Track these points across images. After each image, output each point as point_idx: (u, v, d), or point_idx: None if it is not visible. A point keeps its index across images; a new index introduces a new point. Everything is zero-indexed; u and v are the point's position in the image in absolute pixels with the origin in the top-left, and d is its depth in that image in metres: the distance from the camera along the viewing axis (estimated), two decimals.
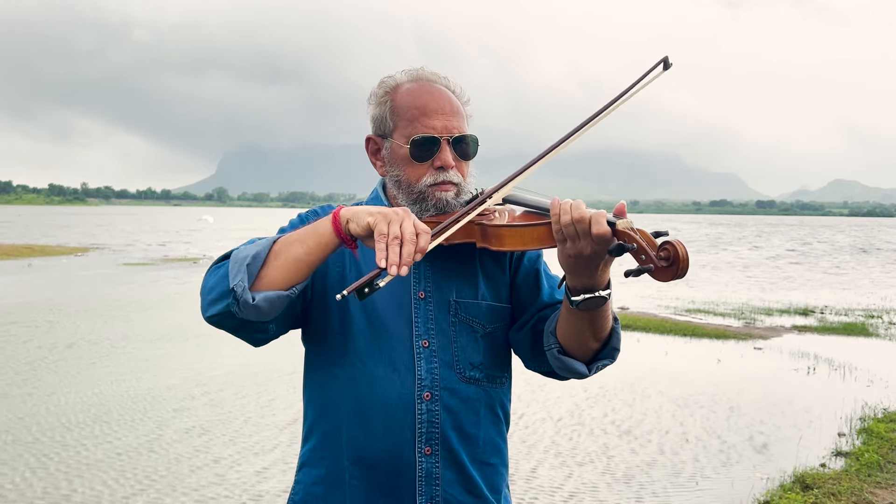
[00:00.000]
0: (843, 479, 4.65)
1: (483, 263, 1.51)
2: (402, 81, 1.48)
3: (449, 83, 1.49)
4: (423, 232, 1.17)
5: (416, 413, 1.39)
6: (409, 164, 1.43)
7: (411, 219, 1.18)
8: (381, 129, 1.49)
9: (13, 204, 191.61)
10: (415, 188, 1.44)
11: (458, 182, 1.44)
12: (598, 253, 1.24)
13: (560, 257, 1.29)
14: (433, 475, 1.40)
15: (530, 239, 1.33)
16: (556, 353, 1.41)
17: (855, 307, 13.81)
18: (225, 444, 5.32)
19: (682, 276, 1.17)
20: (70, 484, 4.55)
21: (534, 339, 1.48)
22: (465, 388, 1.44)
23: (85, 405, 6.23)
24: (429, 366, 1.41)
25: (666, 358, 8.74)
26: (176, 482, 4.58)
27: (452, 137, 1.43)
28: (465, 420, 1.43)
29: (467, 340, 1.45)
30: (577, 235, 1.24)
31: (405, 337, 1.42)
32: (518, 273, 1.53)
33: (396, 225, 1.16)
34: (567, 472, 4.96)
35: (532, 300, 1.51)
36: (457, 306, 1.45)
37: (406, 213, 1.19)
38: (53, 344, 8.75)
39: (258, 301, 1.24)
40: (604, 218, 1.23)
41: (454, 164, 1.44)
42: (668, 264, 1.17)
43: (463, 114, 1.48)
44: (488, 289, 1.49)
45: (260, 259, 1.27)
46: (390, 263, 1.13)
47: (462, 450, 1.43)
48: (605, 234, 1.22)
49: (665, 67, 1.33)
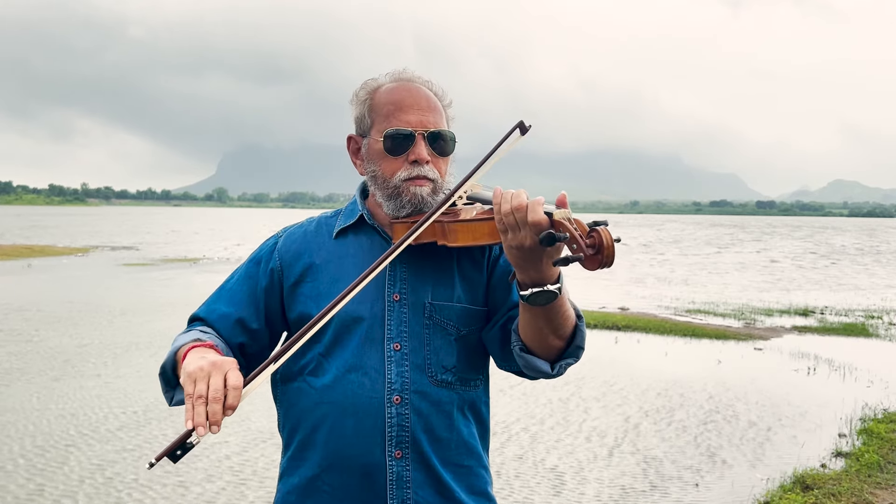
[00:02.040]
0: (843, 480, 4.64)
1: (460, 265, 1.50)
2: (383, 82, 1.50)
3: (431, 85, 1.50)
4: (232, 388, 1.14)
5: (385, 417, 1.39)
6: (384, 158, 1.44)
7: (221, 376, 1.16)
8: (360, 128, 1.51)
9: (13, 204, 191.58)
10: (389, 183, 1.44)
11: (434, 178, 1.44)
12: (536, 243, 1.22)
13: (505, 250, 1.27)
14: (404, 478, 1.40)
15: (480, 234, 1.32)
16: (519, 351, 1.39)
17: (855, 307, 13.81)
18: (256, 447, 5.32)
19: (608, 265, 1.15)
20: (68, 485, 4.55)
21: (503, 337, 1.46)
22: (436, 391, 1.43)
23: (90, 408, 6.23)
24: (399, 369, 1.41)
25: (666, 358, 8.73)
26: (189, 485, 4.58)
27: (427, 132, 1.44)
28: (435, 423, 1.43)
29: (441, 343, 1.45)
30: (516, 224, 1.23)
31: (377, 340, 1.42)
32: (494, 273, 1.51)
33: (203, 383, 1.14)
34: (567, 472, 4.95)
35: (504, 301, 1.49)
36: (431, 308, 1.45)
37: (216, 368, 1.17)
38: (54, 344, 8.75)
39: (178, 401, 1.36)
40: (540, 206, 1.22)
41: (429, 158, 1.44)
42: (593, 252, 1.15)
43: (441, 112, 1.48)
44: (464, 290, 1.48)
45: (167, 372, 1.37)
46: (196, 424, 1.11)
47: (433, 453, 1.42)
48: (541, 223, 1.20)
49: (522, 132, 1.37)
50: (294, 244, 1.54)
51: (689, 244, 38.54)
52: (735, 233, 57.77)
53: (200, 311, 1.53)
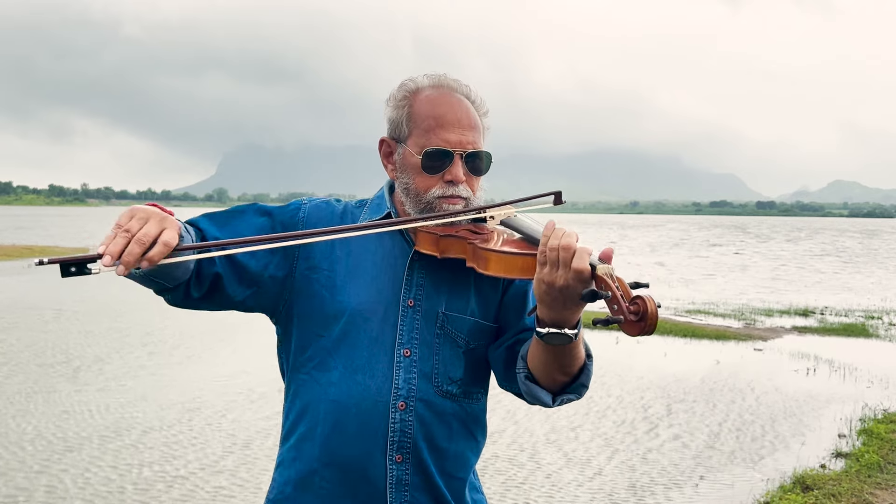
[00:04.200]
0: (843, 480, 4.64)
1: (477, 280, 1.49)
2: (423, 86, 1.47)
3: (470, 93, 1.47)
4: (162, 243, 1.09)
5: (389, 421, 1.39)
6: (420, 174, 1.42)
7: (159, 226, 1.10)
8: (395, 133, 1.48)
9: (13, 205, 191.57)
10: (423, 198, 1.43)
11: (467, 196, 1.43)
12: (570, 287, 1.21)
13: (535, 282, 1.26)
14: (403, 482, 1.41)
15: (514, 267, 1.31)
16: (524, 378, 1.40)
17: (855, 308, 13.81)
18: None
19: (649, 333, 1.15)
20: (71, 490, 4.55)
21: (508, 358, 1.46)
22: (440, 401, 1.43)
23: (95, 410, 6.23)
24: (407, 375, 1.41)
25: (666, 359, 8.73)
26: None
27: (466, 153, 1.42)
28: (437, 433, 1.43)
29: (450, 354, 1.45)
30: (557, 262, 1.22)
31: (387, 344, 1.42)
32: (508, 292, 1.52)
33: (137, 222, 1.10)
34: (566, 472, 4.95)
35: (515, 322, 1.49)
36: (444, 318, 1.44)
37: (157, 218, 1.12)
38: (54, 345, 8.74)
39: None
40: (587, 255, 1.21)
41: (465, 178, 1.42)
42: (636, 319, 1.15)
43: (480, 128, 1.46)
44: (478, 305, 1.48)
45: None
46: (107, 252, 1.06)
47: (431, 462, 1.43)
48: (584, 271, 1.20)
49: (556, 202, 1.42)
50: (320, 221, 1.48)
51: (689, 245, 38.55)
52: (735, 233, 57.77)
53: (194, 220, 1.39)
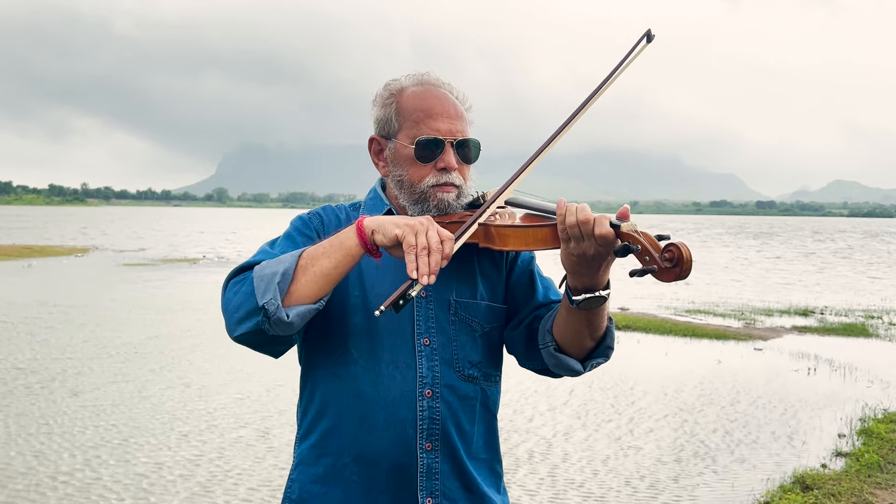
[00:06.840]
0: (843, 480, 4.65)
1: (481, 264, 1.55)
2: (406, 85, 1.52)
3: (452, 89, 1.53)
4: (447, 239, 1.23)
5: (417, 410, 1.43)
6: (413, 164, 1.47)
7: (435, 227, 1.24)
8: (384, 130, 1.52)
9: (13, 204, 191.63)
10: (417, 188, 1.47)
11: (460, 184, 1.48)
12: (600, 254, 1.28)
13: (563, 257, 1.33)
14: (433, 470, 1.44)
15: (533, 240, 1.37)
16: (553, 351, 1.45)
17: (855, 308, 13.82)
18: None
19: (685, 277, 1.22)
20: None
21: (528, 336, 1.53)
22: (463, 385, 1.48)
23: (98, 411, 6.23)
24: (430, 363, 1.45)
25: (666, 359, 8.74)
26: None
27: (456, 140, 1.48)
28: (462, 417, 1.48)
29: (466, 339, 1.49)
30: (581, 236, 1.28)
31: (407, 335, 1.45)
32: (512, 274, 1.58)
33: (423, 235, 1.21)
34: (566, 472, 4.95)
35: (528, 300, 1.56)
36: (456, 305, 1.49)
37: (429, 221, 1.24)
38: (54, 346, 8.75)
39: (292, 317, 1.28)
40: (607, 220, 1.27)
41: (457, 166, 1.48)
42: (671, 265, 1.22)
43: (466, 119, 1.52)
44: (486, 289, 1.54)
45: (289, 276, 1.28)
46: (421, 274, 1.19)
47: (460, 446, 1.47)
48: (608, 236, 1.26)
49: (648, 40, 1.40)
50: (335, 227, 1.51)
51: (688, 245, 38.47)
52: (735, 233, 57.76)
53: (253, 259, 1.41)
